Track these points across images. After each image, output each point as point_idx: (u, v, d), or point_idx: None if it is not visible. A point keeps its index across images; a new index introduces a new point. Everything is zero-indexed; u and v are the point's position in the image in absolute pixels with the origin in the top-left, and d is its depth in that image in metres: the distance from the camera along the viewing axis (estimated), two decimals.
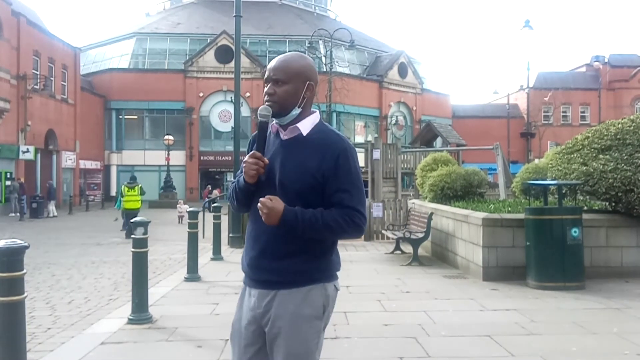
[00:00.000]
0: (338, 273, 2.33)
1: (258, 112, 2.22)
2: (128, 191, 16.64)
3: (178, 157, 38.16)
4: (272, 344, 2.19)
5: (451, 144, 23.09)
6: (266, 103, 2.21)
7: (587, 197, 8.68)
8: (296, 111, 2.21)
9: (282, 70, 2.20)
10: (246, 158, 2.18)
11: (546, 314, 5.84)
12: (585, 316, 5.73)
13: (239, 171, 2.32)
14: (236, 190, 2.29)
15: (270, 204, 2.09)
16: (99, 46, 44.80)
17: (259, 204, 2.11)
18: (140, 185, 16.93)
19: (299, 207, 2.12)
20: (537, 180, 8.91)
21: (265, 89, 2.24)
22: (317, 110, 2.32)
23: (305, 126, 2.22)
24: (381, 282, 7.78)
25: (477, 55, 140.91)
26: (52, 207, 25.98)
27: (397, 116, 45.97)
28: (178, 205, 22.97)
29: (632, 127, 7.98)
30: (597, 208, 8.62)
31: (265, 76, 2.26)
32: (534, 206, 7.84)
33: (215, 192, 34.14)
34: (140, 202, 16.83)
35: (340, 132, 2.30)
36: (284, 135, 2.23)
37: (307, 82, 2.23)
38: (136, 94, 39.14)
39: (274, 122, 2.26)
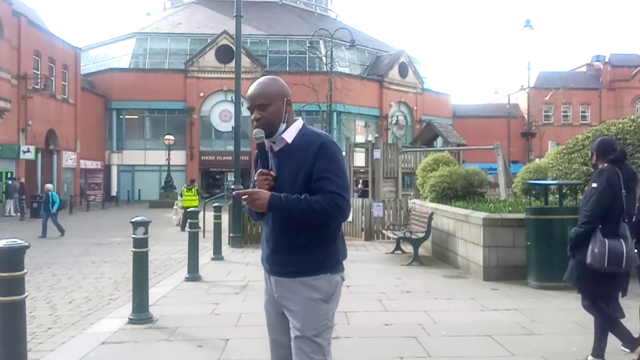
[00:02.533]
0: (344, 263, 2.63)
1: (253, 134, 2.51)
2: (187, 192, 18.47)
3: (179, 157, 38.15)
4: (289, 323, 2.53)
5: (452, 144, 23.08)
6: (257, 127, 2.51)
7: None
8: (282, 127, 2.52)
9: (262, 95, 2.50)
10: (255, 177, 2.51)
11: (547, 313, 5.84)
12: (585, 316, 5.67)
13: (252, 185, 2.65)
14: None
15: (257, 191, 2.42)
16: (99, 46, 44.80)
17: (246, 196, 2.42)
18: (197, 188, 19.10)
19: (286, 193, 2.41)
20: (537, 180, 8.91)
21: (252, 116, 2.53)
22: (300, 118, 2.60)
23: (289, 135, 2.52)
24: (382, 281, 7.78)
25: (477, 55, 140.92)
26: (9, 206, 25.01)
27: (397, 116, 45.94)
28: (175, 207, 21.01)
29: (632, 127, 7.98)
30: None
31: (249, 105, 2.54)
32: (534, 206, 7.84)
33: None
34: (197, 201, 18.46)
35: (320, 131, 2.56)
36: (275, 148, 2.54)
37: (285, 99, 2.53)
38: (137, 94, 39.13)
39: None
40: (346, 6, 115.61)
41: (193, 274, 8.07)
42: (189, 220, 8.32)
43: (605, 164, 4.13)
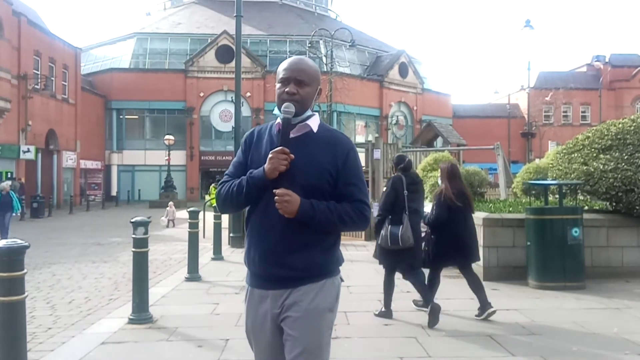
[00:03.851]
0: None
1: (283, 108, 2.24)
2: (215, 190, 18.53)
3: (178, 157, 38.16)
4: (287, 339, 2.23)
5: (452, 144, 23.05)
6: (288, 101, 2.25)
7: (588, 196, 8.67)
8: (308, 113, 2.32)
9: (306, 72, 2.30)
10: (272, 154, 2.18)
11: (546, 314, 5.84)
12: (585, 316, 5.73)
13: (230, 168, 2.43)
14: (249, 186, 2.26)
15: (290, 193, 2.16)
16: (99, 46, 44.83)
17: (276, 197, 2.15)
18: None
19: (313, 200, 2.20)
20: (537, 180, 8.91)
21: (286, 88, 2.28)
22: (317, 113, 2.42)
23: (314, 124, 2.31)
24: (381, 282, 7.75)
25: (477, 55, 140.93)
26: None
27: (397, 116, 45.94)
28: (168, 208, 20.41)
29: (632, 127, 7.98)
30: (597, 208, 8.61)
31: (286, 75, 2.29)
32: (534, 206, 7.84)
33: None
34: None
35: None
36: (293, 133, 2.26)
37: (319, 88, 2.38)
38: (137, 94, 39.13)
39: (277, 121, 2.32)
40: (346, 6, 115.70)
41: (193, 274, 8.06)
42: (189, 221, 8.32)
43: (396, 172, 5.83)
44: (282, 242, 2.21)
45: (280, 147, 2.19)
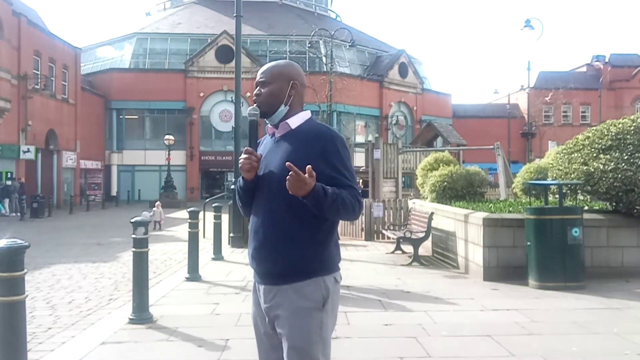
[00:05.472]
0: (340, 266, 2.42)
1: (247, 112, 2.38)
2: None
3: (178, 157, 38.15)
4: (280, 335, 2.31)
5: (452, 144, 23.09)
6: (254, 103, 2.41)
7: (588, 196, 8.68)
8: (283, 109, 2.36)
9: (267, 72, 2.40)
10: (241, 156, 2.32)
11: (547, 313, 5.84)
12: (585, 316, 5.73)
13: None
14: (238, 189, 2.42)
15: (305, 178, 2.08)
16: (99, 46, 44.84)
17: (288, 176, 2.09)
18: None
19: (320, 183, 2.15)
20: (538, 180, 8.91)
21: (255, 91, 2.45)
22: (309, 110, 2.46)
23: (294, 121, 2.36)
24: (382, 281, 7.78)
25: (477, 55, 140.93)
26: (6, 205, 25.15)
27: (397, 116, 45.95)
28: (155, 209, 18.92)
29: (632, 127, 7.97)
30: (597, 208, 8.61)
31: (255, 82, 2.46)
32: (534, 206, 7.84)
33: None
34: None
35: (330, 126, 2.43)
36: (277, 134, 2.39)
37: (292, 82, 2.38)
38: (137, 94, 39.13)
39: (268, 124, 2.43)
40: (346, 6, 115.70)
41: (193, 274, 8.06)
42: (189, 221, 8.31)
43: None
44: (267, 238, 2.29)
45: (246, 148, 2.31)
